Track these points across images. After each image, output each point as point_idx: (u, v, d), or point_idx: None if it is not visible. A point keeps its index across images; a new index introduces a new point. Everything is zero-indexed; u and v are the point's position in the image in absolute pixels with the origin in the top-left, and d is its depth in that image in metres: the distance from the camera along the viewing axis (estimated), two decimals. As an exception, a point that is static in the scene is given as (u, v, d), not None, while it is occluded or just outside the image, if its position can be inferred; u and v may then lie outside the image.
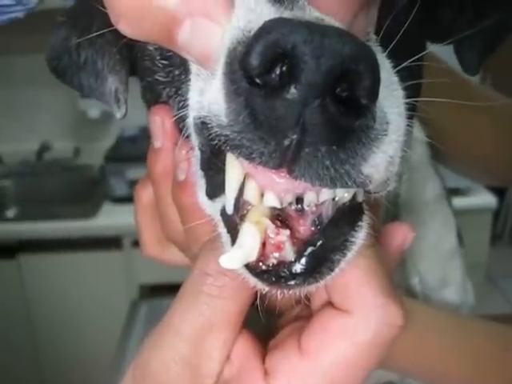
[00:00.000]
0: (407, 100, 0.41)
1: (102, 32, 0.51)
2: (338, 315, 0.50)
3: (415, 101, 0.57)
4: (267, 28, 0.33)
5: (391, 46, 0.42)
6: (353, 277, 0.48)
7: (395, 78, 0.41)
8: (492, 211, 3.16)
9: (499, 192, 3.38)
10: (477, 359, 0.78)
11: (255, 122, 0.35)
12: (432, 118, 0.94)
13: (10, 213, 3.24)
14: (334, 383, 0.49)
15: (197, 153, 0.47)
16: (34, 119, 3.64)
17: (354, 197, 0.43)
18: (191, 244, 0.58)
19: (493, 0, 0.60)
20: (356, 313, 0.49)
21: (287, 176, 0.37)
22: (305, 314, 0.56)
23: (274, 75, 0.33)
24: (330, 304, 0.51)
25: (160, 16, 0.35)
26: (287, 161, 0.35)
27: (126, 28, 0.37)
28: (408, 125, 0.41)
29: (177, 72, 0.55)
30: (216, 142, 0.38)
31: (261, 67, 0.32)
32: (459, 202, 2.89)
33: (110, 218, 3.05)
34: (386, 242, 0.61)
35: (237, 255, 0.40)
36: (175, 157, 0.56)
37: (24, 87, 3.55)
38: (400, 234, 0.61)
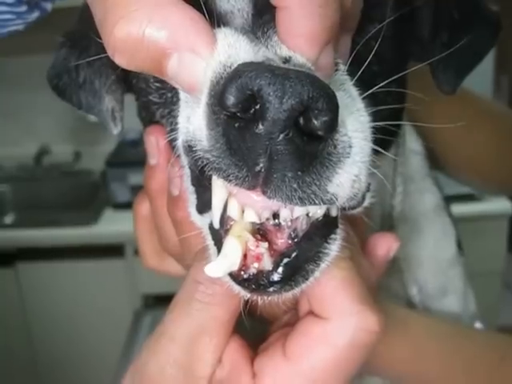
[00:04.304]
0: (386, 123, 0.49)
1: (100, 57, 0.57)
2: (318, 322, 0.57)
3: (401, 112, 0.63)
4: (239, 72, 0.40)
5: (360, 72, 0.49)
6: (330, 287, 0.56)
7: (361, 105, 0.48)
8: (508, 217, 3.18)
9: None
10: (474, 368, 0.83)
11: (231, 150, 0.42)
12: (433, 132, 1.00)
13: (8, 219, 3.29)
14: None
15: (187, 171, 0.56)
16: (32, 122, 3.66)
17: (329, 212, 0.50)
18: (185, 254, 0.65)
19: (466, 24, 0.68)
20: (334, 319, 0.56)
21: (263, 195, 0.44)
22: (293, 320, 0.61)
23: (247, 111, 0.40)
24: (312, 312, 0.58)
25: (151, 50, 0.42)
26: (260, 184, 0.43)
27: (120, 60, 0.43)
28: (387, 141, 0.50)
29: (169, 94, 0.62)
30: (200, 163, 0.45)
31: (234, 106, 0.40)
32: (473, 207, 2.94)
33: (111, 225, 3.07)
34: (371, 252, 0.68)
35: (220, 265, 0.48)
36: (169, 173, 0.64)
37: (22, 89, 3.58)
38: (384, 244, 0.68)
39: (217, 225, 0.51)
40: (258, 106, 0.40)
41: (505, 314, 3.29)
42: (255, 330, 0.64)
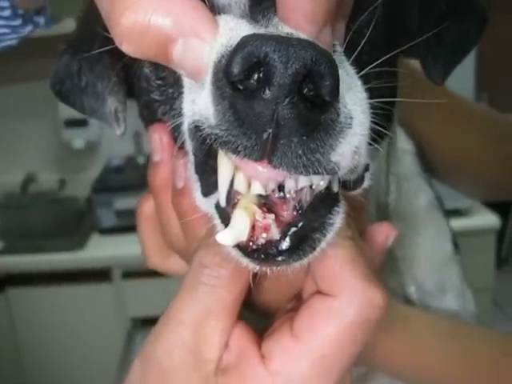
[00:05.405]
0: (377, 100, 0.51)
1: (103, 49, 0.59)
2: (325, 299, 0.58)
3: (392, 106, 0.65)
4: (244, 42, 0.42)
5: (355, 54, 0.51)
6: (336, 265, 0.57)
7: (358, 82, 0.50)
8: (495, 232, 3.22)
9: (503, 212, 3.43)
10: (474, 363, 0.84)
11: (238, 120, 0.44)
12: (423, 131, 1.03)
13: (-4, 246, 3.29)
14: (324, 361, 0.57)
15: (191, 158, 0.57)
16: (17, 150, 3.67)
17: (331, 187, 0.52)
18: (190, 243, 0.66)
19: (453, 16, 0.70)
20: (340, 296, 0.57)
21: (269, 166, 0.45)
22: (296, 307, 0.62)
23: (252, 81, 0.42)
24: (318, 292, 0.59)
25: (156, 36, 0.43)
26: (267, 152, 0.44)
27: (128, 48, 0.45)
28: (382, 127, 0.51)
29: (170, 90, 0.64)
30: (208, 141, 0.46)
31: (240, 74, 0.41)
32: (460, 223, 2.95)
33: (98, 250, 3.13)
34: (370, 240, 0.70)
35: (229, 235, 0.49)
36: (173, 166, 0.65)
37: (7, 118, 3.57)
38: (383, 232, 0.71)
39: (223, 202, 0.51)
40: (261, 75, 0.41)
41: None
42: (258, 324, 0.64)
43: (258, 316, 0.67)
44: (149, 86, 0.68)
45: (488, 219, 3.16)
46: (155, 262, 0.77)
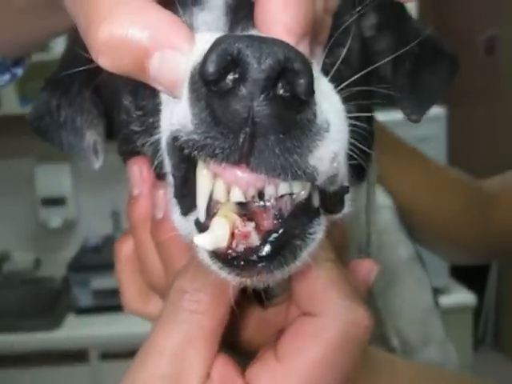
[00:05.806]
0: (357, 114, 0.52)
1: (82, 69, 0.59)
2: (308, 320, 0.57)
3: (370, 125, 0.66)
4: (218, 42, 0.43)
5: (332, 72, 0.52)
6: (319, 284, 0.57)
7: (336, 96, 0.50)
8: (472, 310, 3.22)
9: (479, 292, 3.46)
10: None
11: (215, 119, 0.44)
12: (397, 194, 1.07)
13: (-31, 326, 3.22)
14: (310, 382, 0.56)
15: (170, 180, 0.56)
16: (-9, 229, 3.65)
17: (311, 201, 0.51)
18: (170, 278, 0.63)
19: (427, 64, 0.73)
20: (323, 315, 0.56)
21: (248, 171, 0.45)
22: (279, 337, 0.60)
23: (227, 81, 0.42)
24: (301, 314, 0.58)
25: (133, 50, 0.44)
26: (244, 153, 0.44)
27: (104, 61, 0.45)
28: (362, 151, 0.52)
29: (150, 120, 0.64)
30: (186, 150, 0.46)
31: (215, 73, 0.42)
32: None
33: (74, 330, 3.08)
34: (353, 274, 0.68)
35: (208, 237, 0.48)
36: (153, 197, 0.65)
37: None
38: (365, 268, 0.70)
39: (203, 217, 0.50)
40: (236, 75, 0.42)
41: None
42: (240, 364, 0.62)
43: (241, 357, 0.64)
44: (129, 117, 0.68)
45: (464, 297, 3.19)
46: (136, 308, 0.74)
